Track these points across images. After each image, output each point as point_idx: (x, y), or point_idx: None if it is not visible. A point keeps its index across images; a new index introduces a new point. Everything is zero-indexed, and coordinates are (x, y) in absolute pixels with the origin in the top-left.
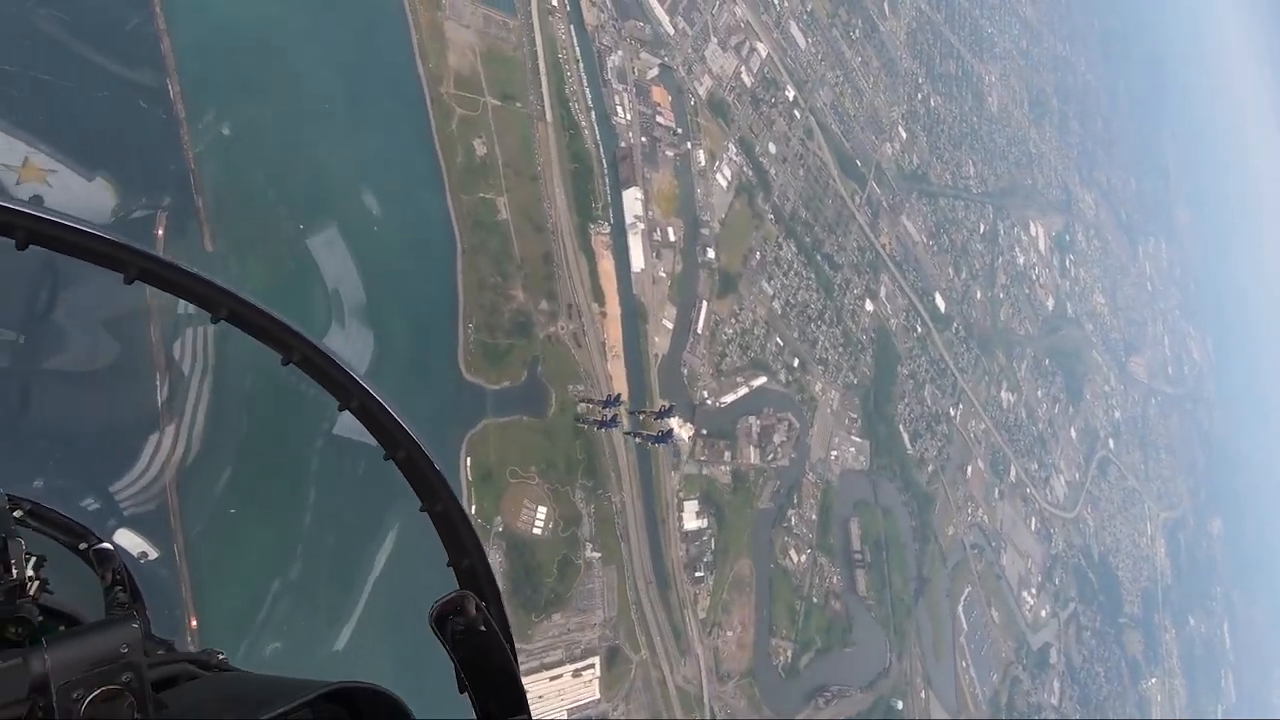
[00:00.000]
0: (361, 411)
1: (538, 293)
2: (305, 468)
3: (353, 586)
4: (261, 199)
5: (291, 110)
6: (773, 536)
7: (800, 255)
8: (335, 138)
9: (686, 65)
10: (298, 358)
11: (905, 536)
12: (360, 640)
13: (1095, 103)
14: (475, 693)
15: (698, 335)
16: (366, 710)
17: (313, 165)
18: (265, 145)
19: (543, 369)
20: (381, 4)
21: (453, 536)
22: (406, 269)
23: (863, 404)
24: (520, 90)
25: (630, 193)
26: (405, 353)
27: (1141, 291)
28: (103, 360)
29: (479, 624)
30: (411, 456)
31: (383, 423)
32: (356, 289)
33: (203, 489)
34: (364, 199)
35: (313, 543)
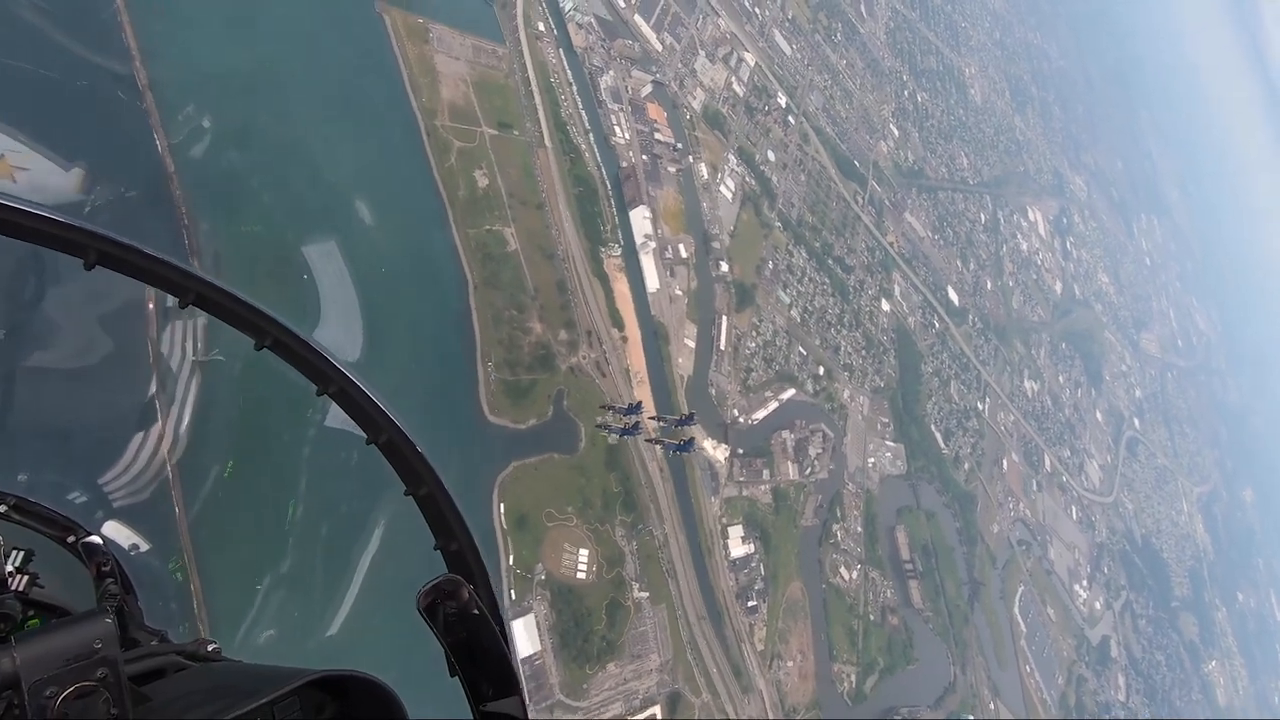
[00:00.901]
0: (341, 396)
1: (555, 323)
2: (297, 457)
3: (346, 572)
4: (260, 248)
5: (283, 153)
6: (821, 555)
7: (812, 260)
8: (330, 181)
9: (678, 80)
10: (270, 341)
11: (952, 539)
12: (354, 625)
13: (1072, 87)
14: (466, 676)
15: (721, 352)
16: (356, 698)
17: (311, 209)
18: (258, 198)
19: (568, 402)
20: (369, 41)
21: (439, 520)
22: (417, 310)
23: (892, 407)
24: (516, 118)
25: (638, 212)
26: (423, 398)
27: (1141, 268)
28: (93, 355)
29: (469, 607)
30: (393, 440)
31: (363, 407)
32: (366, 333)
33: (195, 481)
34: (366, 240)
35: (306, 531)
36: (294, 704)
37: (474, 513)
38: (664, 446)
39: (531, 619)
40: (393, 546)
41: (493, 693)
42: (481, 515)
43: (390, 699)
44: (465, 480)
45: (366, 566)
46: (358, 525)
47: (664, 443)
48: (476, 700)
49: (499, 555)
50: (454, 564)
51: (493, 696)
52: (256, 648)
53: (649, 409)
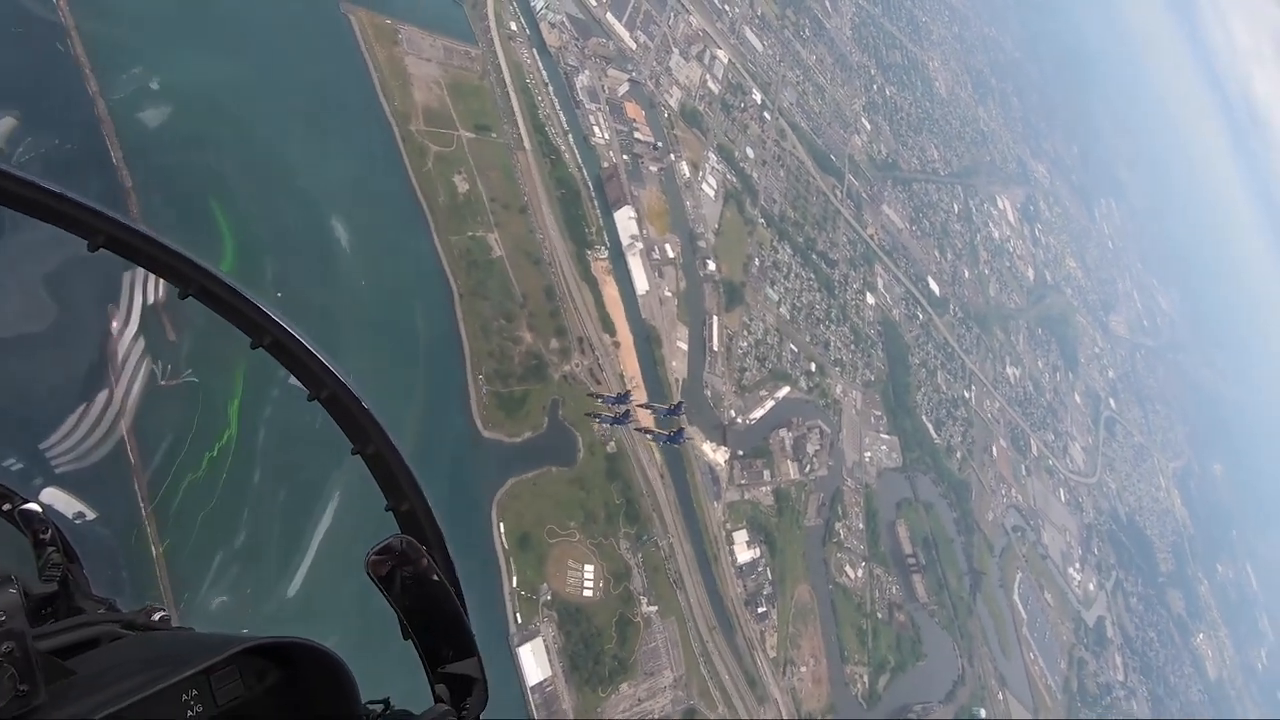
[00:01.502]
0: (277, 348)
1: (546, 331)
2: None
3: (303, 535)
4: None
5: (254, 161)
6: (826, 555)
7: (797, 256)
8: (304, 191)
9: (654, 78)
10: (195, 289)
11: (950, 530)
12: (312, 588)
13: (1027, 77)
14: (420, 639)
15: (714, 353)
16: (300, 665)
17: (285, 222)
18: (232, 208)
19: (564, 412)
20: (334, 42)
21: (388, 479)
22: (401, 323)
23: (884, 400)
24: (494, 120)
25: (622, 213)
26: (413, 415)
27: (1105, 251)
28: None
29: (422, 569)
30: (337, 395)
31: (302, 360)
32: (348, 350)
33: (149, 446)
34: (343, 253)
35: (264, 494)
36: (233, 673)
37: (473, 534)
38: (654, 437)
39: (540, 643)
40: (354, 504)
41: (449, 655)
42: (481, 536)
43: (336, 665)
44: (461, 500)
45: (325, 528)
46: (316, 489)
47: (653, 432)
48: (432, 664)
49: (501, 578)
50: (406, 525)
51: (449, 659)
52: (209, 614)
53: (639, 398)
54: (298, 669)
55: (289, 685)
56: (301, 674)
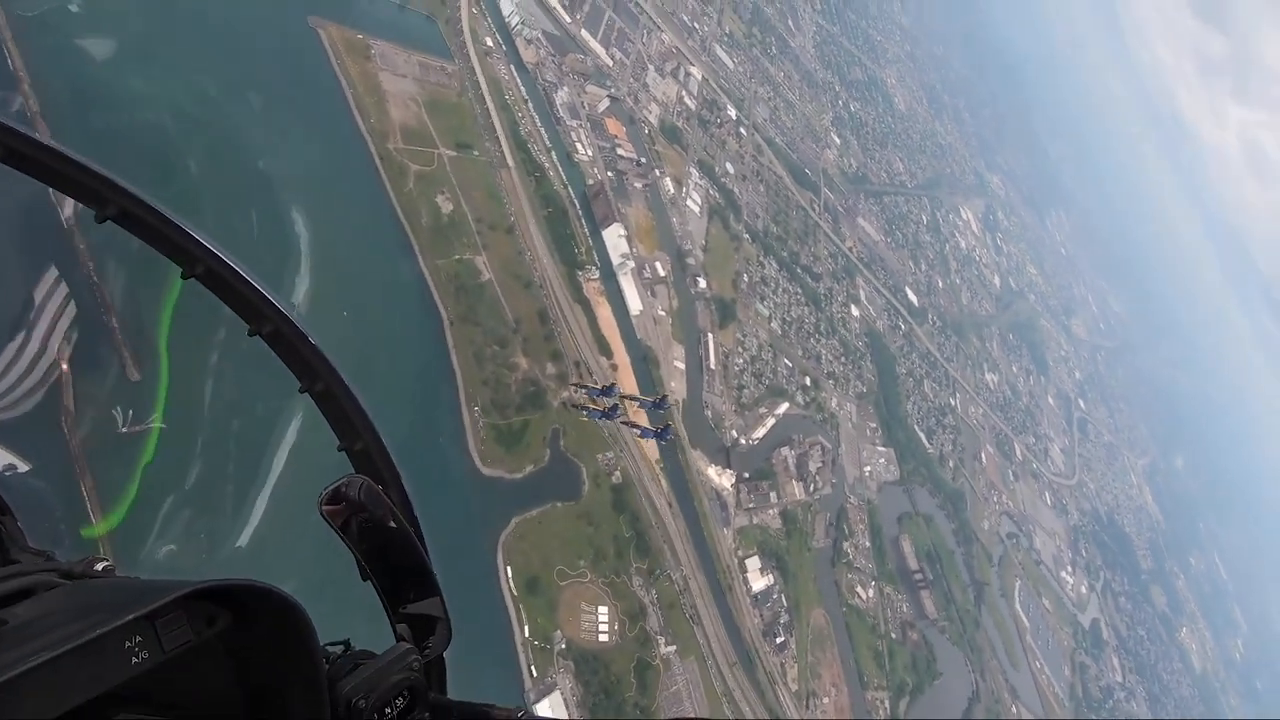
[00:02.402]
0: (211, 279)
1: (541, 355)
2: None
3: (255, 478)
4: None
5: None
6: (837, 576)
7: (783, 271)
8: (271, 210)
9: (632, 95)
10: (113, 212)
11: (950, 542)
12: (267, 533)
13: (976, 94)
14: (380, 580)
15: (711, 371)
16: (253, 609)
17: (253, 246)
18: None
19: (565, 442)
20: (303, 56)
21: (340, 418)
22: (388, 355)
23: (877, 412)
24: (474, 137)
25: (611, 231)
26: (406, 454)
27: (1059, 258)
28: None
29: (379, 509)
30: (281, 330)
31: (240, 292)
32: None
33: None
34: (322, 281)
35: (211, 438)
36: (179, 618)
37: (479, 581)
38: (642, 432)
39: (558, 697)
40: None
41: (411, 596)
42: (487, 583)
43: (289, 608)
44: (464, 544)
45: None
46: (268, 428)
47: (641, 428)
48: (393, 605)
49: (512, 627)
50: (361, 465)
51: (411, 600)
52: (157, 565)
53: (628, 390)
54: (250, 613)
55: (240, 629)
56: (254, 618)
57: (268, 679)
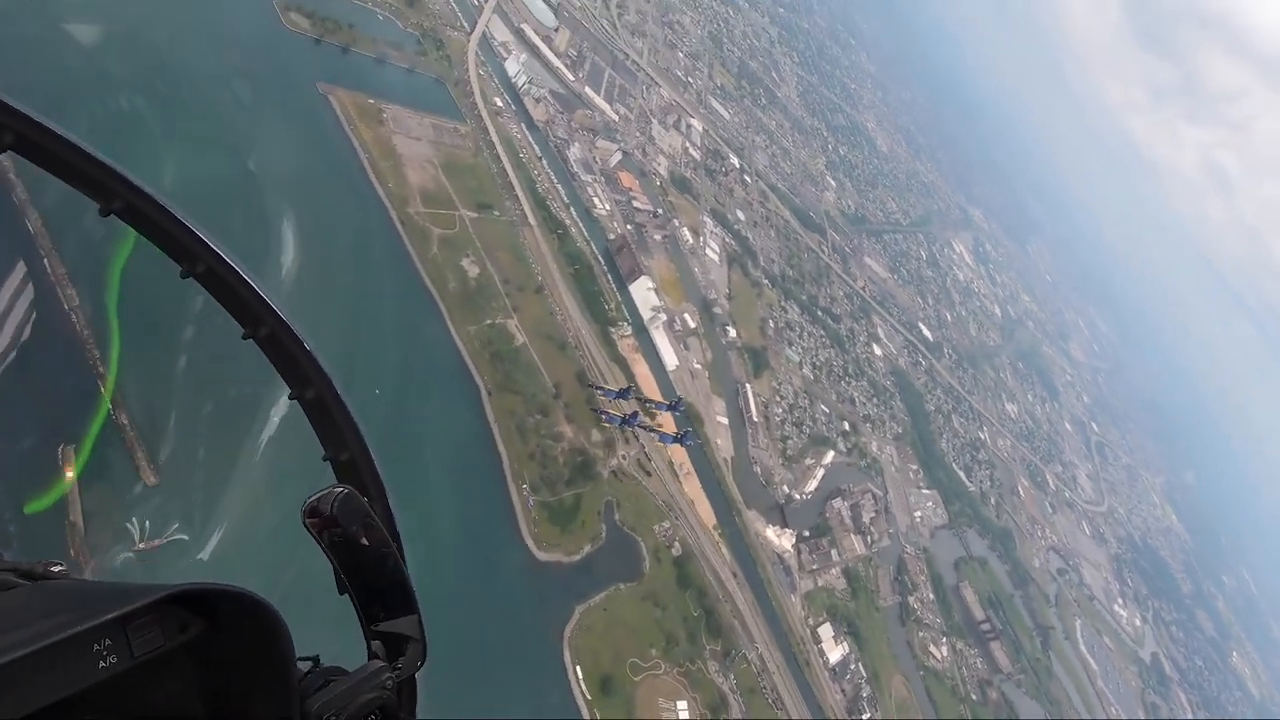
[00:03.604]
0: (210, 279)
1: (585, 421)
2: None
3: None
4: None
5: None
6: (909, 637)
7: (805, 315)
8: (298, 286)
9: (640, 148)
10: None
11: (1007, 584)
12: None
13: (947, 132)
14: (358, 594)
15: (754, 424)
16: (227, 616)
17: None
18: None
19: (620, 515)
20: (315, 123)
21: (329, 427)
22: (427, 433)
23: (915, 452)
24: (494, 197)
25: (639, 285)
26: (455, 546)
27: (1046, 285)
28: None
29: (363, 521)
30: (276, 334)
31: (239, 293)
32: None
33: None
34: (351, 357)
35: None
36: (152, 623)
37: (547, 684)
38: (661, 437)
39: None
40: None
41: (387, 612)
42: (556, 685)
43: (268, 615)
44: (527, 643)
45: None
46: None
47: (661, 432)
48: (369, 620)
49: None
50: (345, 475)
51: (387, 616)
52: (111, 572)
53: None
54: (225, 620)
55: (214, 637)
56: (229, 626)
57: (238, 691)
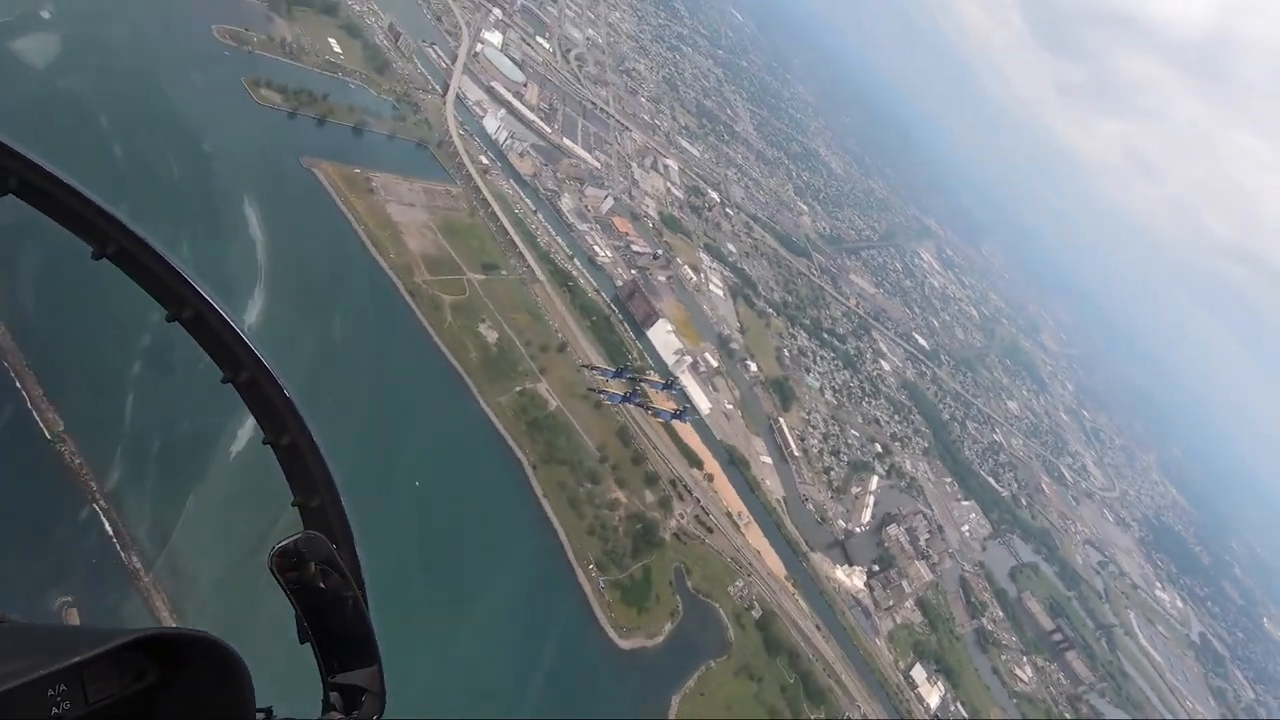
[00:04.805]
0: (197, 324)
1: (636, 483)
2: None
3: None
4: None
5: None
6: (993, 663)
7: (813, 339)
8: (316, 376)
9: (627, 191)
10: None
11: (1061, 587)
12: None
13: (887, 150)
14: (320, 643)
15: (795, 459)
16: (190, 665)
17: None
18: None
19: (692, 581)
20: (305, 199)
21: (301, 472)
22: (478, 523)
23: (945, 464)
24: (498, 256)
25: (658, 329)
26: (533, 644)
27: (1006, 282)
28: None
29: (330, 569)
30: (257, 380)
31: (224, 339)
32: (424, 576)
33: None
34: (380, 450)
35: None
36: (110, 669)
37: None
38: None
39: None
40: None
41: (346, 663)
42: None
43: (230, 659)
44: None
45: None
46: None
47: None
48: (329, 670)
49: None
50: (314, 522)
51: (347, 667)
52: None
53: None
54: (184, 665)
55: (170, 684)
56: (190, 673)
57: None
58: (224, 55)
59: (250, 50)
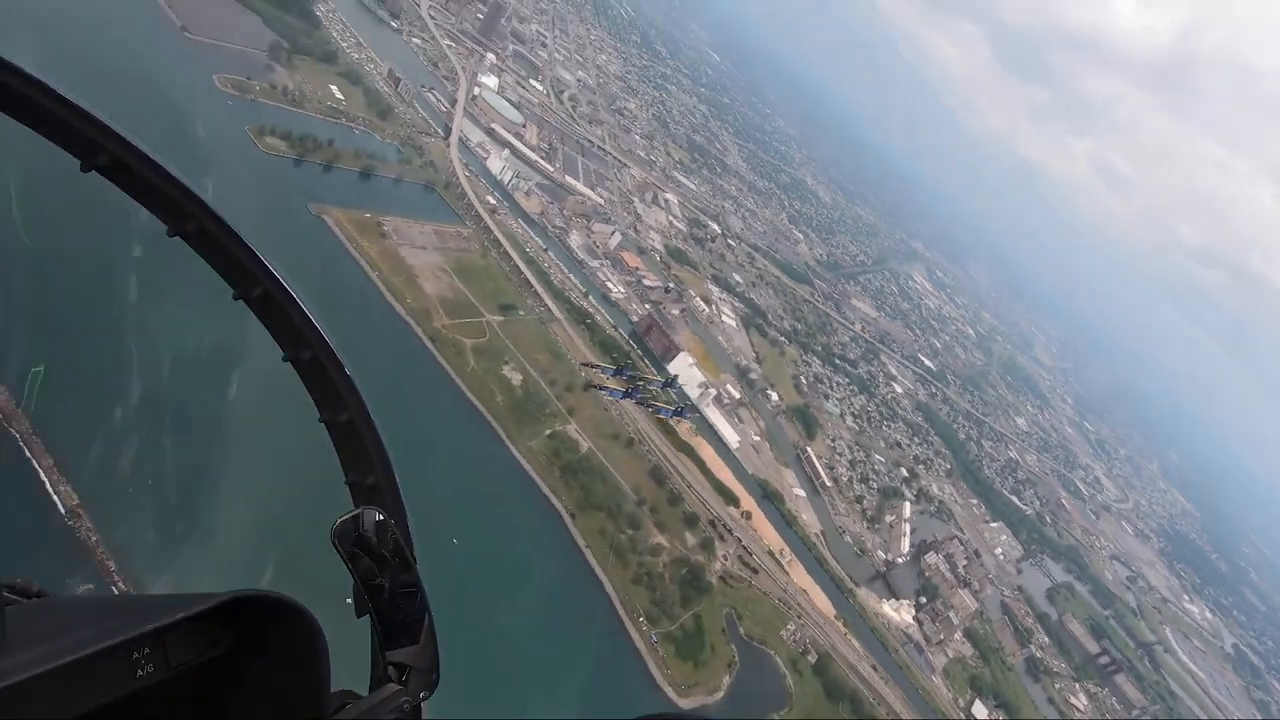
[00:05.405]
0: (264, 302)
1: (675, 525)
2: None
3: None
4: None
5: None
6: (1048, 692)
7: (826, 365)
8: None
9: (632, 226)
10: (192, 228)
11: (1097, 606)
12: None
13: (868, 178)
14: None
15: (827, 489)
16: (259, 625)
17: (321, 484)
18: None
19: (744, 628)
20: (321, 251)
21: (357, 451)
22: (521, 580)
23: (969, 485)
24: (514, 297)
25: (679, 363)
26: (590, 711)
27: (995, 300)
28: None
29: (390, 546)
30: (319, 359)
31: (290, 317)
32: (468, 641)
33: None
34: (414, 503)
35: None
36: (187, 637)
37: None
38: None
39: None
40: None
41: (401, 640)
42: None
43: (306, 623)
44: None
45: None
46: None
47: (659, 406)
48: (384, 644)
49: None
50: (368, 500)
51: (401, 644)
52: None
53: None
54: (262, 633)
55: (249, 650)
56: (262, 636)
57: (268, 707)
58: (227, 104)
59: (253, 99)
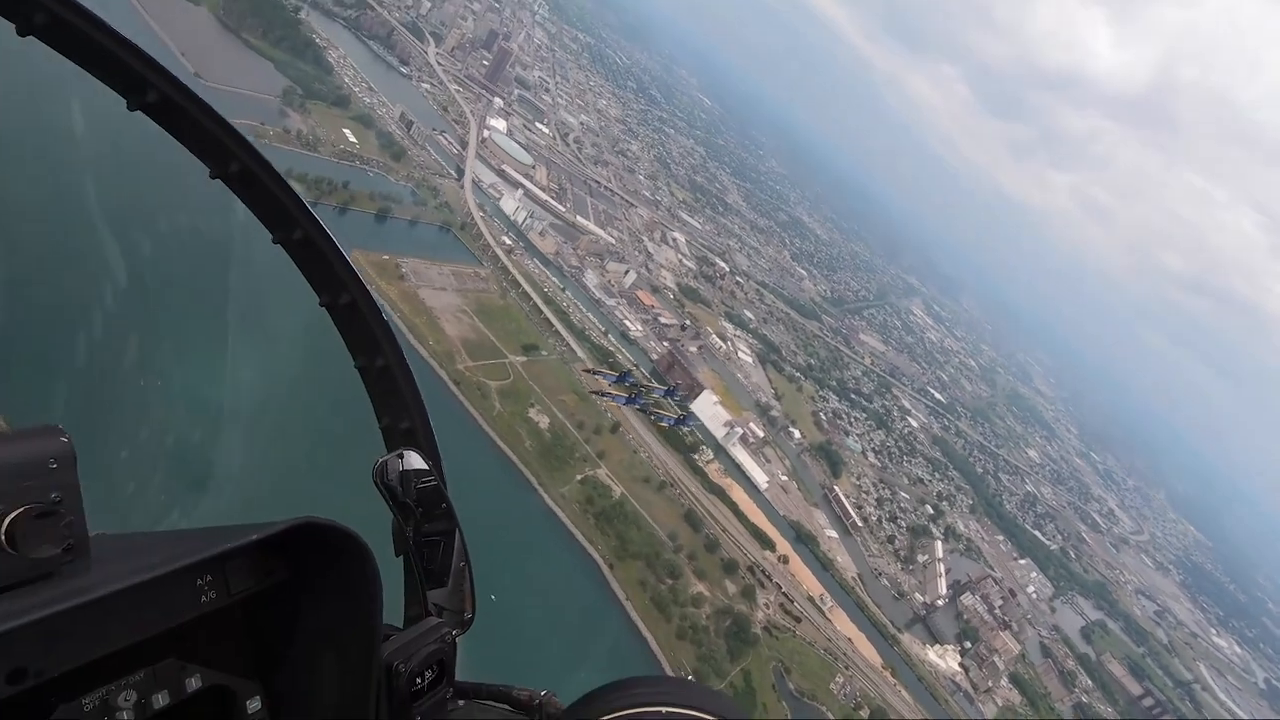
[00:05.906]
0: (303, 245)
1: (714, 572)
2: None
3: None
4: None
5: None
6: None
7: (843, 401)
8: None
9: (644, 265)
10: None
11: (1131, 644)
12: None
13: (860, 216)
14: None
15: (858, 529)
16: (312, 553)
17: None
18: None
19: (794, 682)
20: None
21: (393, 396)
22: (563, 638)
23: (993, 521)
24: (535, 337)
25: (703, 401)
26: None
27: (990, 332)
28: None
29: (428, 486)
30: (357, 303)
31: (328, 260)
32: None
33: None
34: None
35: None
36: (246, 565)
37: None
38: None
39: None
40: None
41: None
42: None
43: (362, 553)
44: None
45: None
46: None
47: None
48: (425, 582)
49: None
50: (403, 444)
51: (437, 584)
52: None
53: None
54: (318, 562)
55: (307, 578)
56: (322, 567)
57: (321, 633)
58: None
59: (267, 143)
